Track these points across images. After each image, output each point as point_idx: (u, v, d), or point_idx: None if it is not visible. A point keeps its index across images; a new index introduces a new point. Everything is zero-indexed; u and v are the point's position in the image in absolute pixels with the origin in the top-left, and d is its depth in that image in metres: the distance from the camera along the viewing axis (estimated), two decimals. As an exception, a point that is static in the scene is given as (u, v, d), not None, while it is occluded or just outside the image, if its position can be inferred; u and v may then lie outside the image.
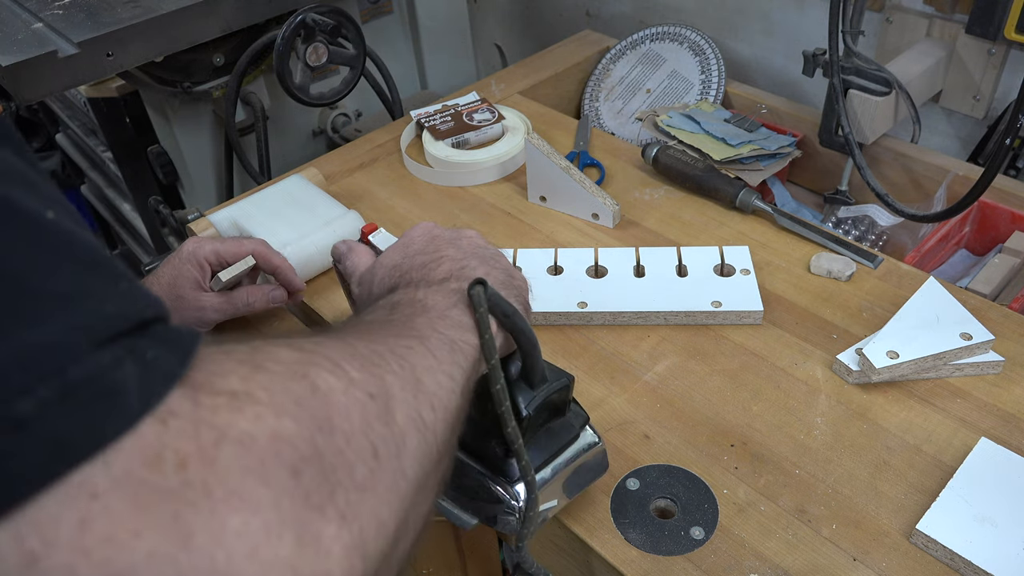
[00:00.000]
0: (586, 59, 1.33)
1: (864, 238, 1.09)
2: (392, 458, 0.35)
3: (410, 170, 1.10)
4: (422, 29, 1.52)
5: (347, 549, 0.30)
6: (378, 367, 0.38)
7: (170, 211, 1.07)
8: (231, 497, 0.27)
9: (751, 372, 0.77)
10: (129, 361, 0.27)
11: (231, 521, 0.27)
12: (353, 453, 0.32)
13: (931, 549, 0.61)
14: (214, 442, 0.28)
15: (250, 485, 0.28)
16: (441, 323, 0.47)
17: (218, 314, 0.80)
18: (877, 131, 1.03)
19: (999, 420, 0.70)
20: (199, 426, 0.28)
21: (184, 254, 0.78)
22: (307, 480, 0.30)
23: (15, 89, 0.97)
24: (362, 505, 0.32)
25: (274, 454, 0.29)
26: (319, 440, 0.31)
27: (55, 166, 2.22)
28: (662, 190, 1.02)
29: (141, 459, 0.26)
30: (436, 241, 0.58)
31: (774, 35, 1.30)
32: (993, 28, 0.99)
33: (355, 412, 0.34)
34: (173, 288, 0.78)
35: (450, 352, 0.45)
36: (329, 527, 0.30)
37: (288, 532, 0.28)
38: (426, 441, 0.38)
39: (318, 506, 0.30)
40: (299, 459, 0.30)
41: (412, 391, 0.39)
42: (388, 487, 0.34)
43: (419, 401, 0.39)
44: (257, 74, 1.30)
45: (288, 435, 0.30)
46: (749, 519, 0.64)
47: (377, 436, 0.34)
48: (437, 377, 0.42)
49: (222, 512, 0.27)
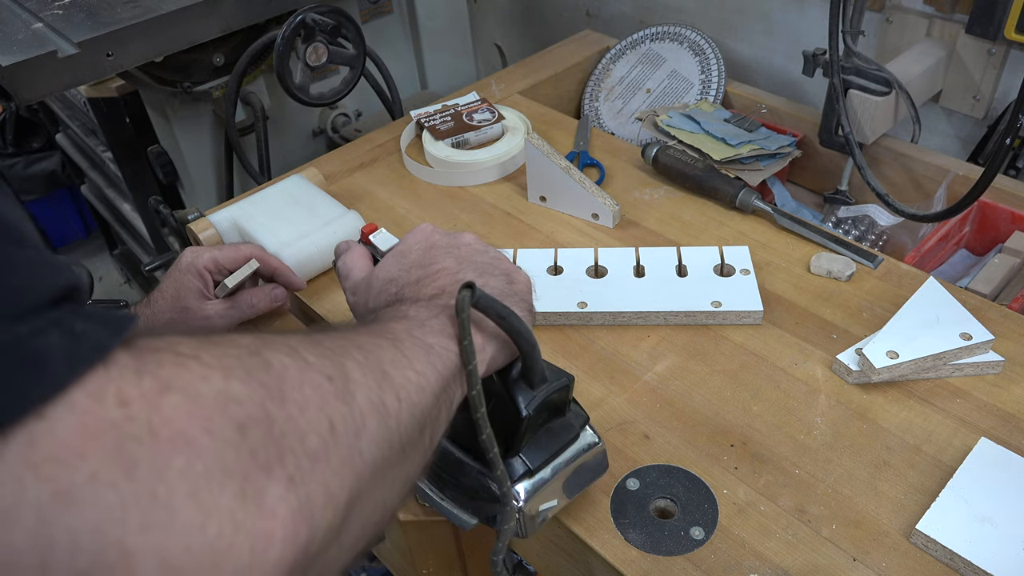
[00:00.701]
0: (586, 59, 1.33)
1: (864, 238, 1.09)
2: (349, 435, 0.35)
3: (410, 170, 1.10)
4: (422, 29, 1.52)
5: (293, 512, 0.30)
6: (338, 355, 0.38)
7: (170, 211, 1.07)
8: (176, 438, 0.28)
9: (751, 372, 0.77)
10: (55, 332, 0.27)
11: (174, 460, 0.27)
12: (306, 423, 0.33)
13: (931, 549, 0.61)
14: (158, 390, 0.28)
15: (194, 431, 0.28)
16: (419, 330, 0.47)
17: (224, 320, 0.80)
18: (877, 131, 1.03)
19: (999, 420, 0.70)
20: (142, 375, 0.28)
21: (183, 265, 0.79)
22: (254, 438, 0.30)
23: (15, 89, 0.97)
24: (312, 473, 0.32)
25: (221, 409, 0.30)
26: (269, 406, 0.31)
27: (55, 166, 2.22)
28: (662, 190, 1.02)
29: (85, 394, 0.27)
30: (433, 251, 0.58)
31: (774, 35, 1.30)
32: (993, 28, 0.99)
33: (309, 388, 0.34)
34: (177, 300, 0.78)
35: (425, 354, 0.45)
36: (276, 487, 0.30)
37: (231, 482, 0.28)
38: (388, 427, 0.38)
39: (264, 465, 0.30)
40: (246, 417, 0.30)
41: (375, 379, 0.39)
42: (342, 461, 0.34)
43: (383, 389, 0.39)
44: (257, 74, 1.31)
45: (236, 395, 0.31)
46: (749, 519, 0.64)
47: (335, 412, 0.35)
48: (405, 372, 0.42)
49: (165, 450, 0.27)
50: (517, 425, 0.54)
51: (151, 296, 0.80)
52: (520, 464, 0.56)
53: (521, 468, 0.56)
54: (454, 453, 0.58)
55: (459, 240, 0.60)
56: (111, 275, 2.46)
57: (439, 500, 0.63)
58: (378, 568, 1.16)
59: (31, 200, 2.21)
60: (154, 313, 0.79)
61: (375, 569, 1.17)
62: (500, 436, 0.56)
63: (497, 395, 0.55)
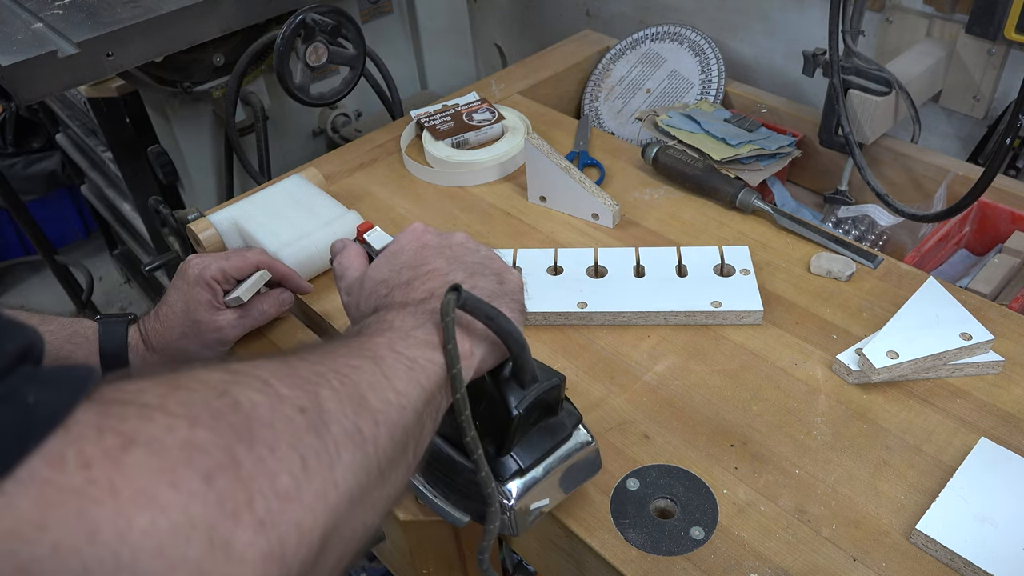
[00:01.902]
0: (586, 59, 1.33)
1: (864, 238, 1.09)
2: (323, 469, 0.35)
3: (410, 170, 1.10)
4: (422, 29, 1.52)
5: (263, 556, 0.30)
6: (313, 384, 0.38)
7: (170, 211, 1.07)
8: (138, 496, 0.28)
9: (751, 372, 0.77)
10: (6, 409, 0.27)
11: (138, 519, 0.27)
12: (276, 462, 0.32)
13: (931, 549, 0.61)
14: (121, 446, 0.28)
15: (158, 487, 0.28)
16: (402, 343, 0.46)
17: (237, 330, 0.80)
18: (877, 131, 1.03)
19: (999, 420, 0.70)
20: (104, 432, 0.28)
21: (191, 278, 0.78)
22: (221, 486, 0.30)
23: (15, 89, 0.97)
24: (283, 513, 0.32)
25: (185, 461, 0.29)
26: (237, 449, 0.31)
27: (55, 166, 2.22)
28: (662, 190, 1.02)
29: (43, 461, 0.26)
30: (424, 251, 0.58)
31: (774, 35, 1.30)
32: (993, 28, 0.99)
33: (281, 424, 0.34)
34: (187, 314, 0.78)
35: (407, 371, 0.44)
36: (244, 533, 0.30)
37: (198, 535, 0.28)
38: (365, 454, 0.38)
39: (232, 512, 0.30)
40: (213, 465, 0.30)
41: (352, 406, 0.39)
42: (316, 496, 0.34)
43: (359, 415, 0.39)
44: (257, 74, 1.30)
45: (201, 443, 0.30)
46: (749, 519, 0.64)
47: (307, 447, 0.34)
48: (385, 395, 0.42)
49: (128, 510, 0.27)
50: (508, 425, 0.54)
51: (159, 309, 0.80)
52: (512, 463, 0.56)
53: (513, 467, 0.56)
54: (447, 452, 0.58)
55: (450, 240, 0.60)
56: (111, 275, 2.46)
57: (432, 497, 0.63)
58: (378, 568, 1.16)
59: (31, 200, 2.21)
60: (164, 327, 0.78)
61: (375, 569, 1.17)
62: (492, 435, 0.56)
63: (488, 395, 0.55)
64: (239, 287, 0.79)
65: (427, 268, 0.56)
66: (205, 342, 0.79)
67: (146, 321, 0.80)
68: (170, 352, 0.79)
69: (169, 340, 0.79)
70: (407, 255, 0.58)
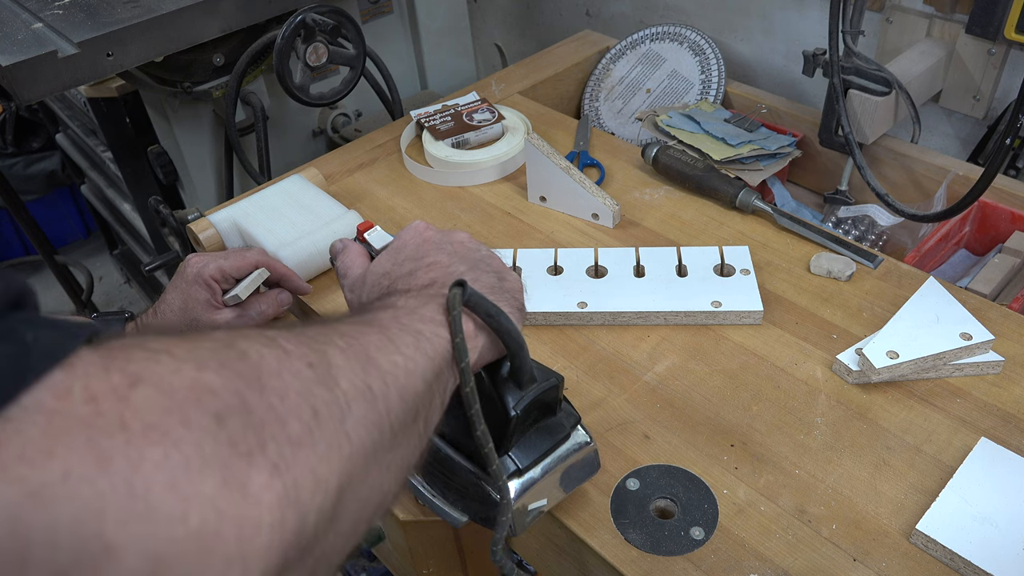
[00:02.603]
0: (586, 59, 1.33)
1: (864, 238, 1.09)
2: (334, 420, 0.34)
3: (410, 170, 1.10)
4: (422, 29, 1.52)
5: (279, 498, 0.30)
6: (319, 343, 0.38)
7: (170, 211, 1.07)
8: (149, 431, 0.27)
9: (751, 372, 0.77)
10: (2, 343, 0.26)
11: (150, 452, 0.27)
12: (287, 409, 0.32)
13: (931, 549, 0.61)
14: (128, 384, 0.28)
15: (169, 423, 0.28)
16: (407, 317, 0.46)
17: None
18: (877, 131, 1.03)
19: (999, 420, 0.70)
20: (110, 371, 0.28)
21: (189, 276, 0.78)
22: (232, 427, 0.29)
23: (15, 89, 0.97)
24: (297, 459, 0.31)
25: (195, 400, 0.29)
26: (247, 394, 0.31)
27: (55, 166, 2.22)
28: (662, 190, 1.02)
29: (49, 392, 0.26)
30: (426, 245, 0.58)
31: (774, 35, 1.30)
32: (993, 28, 0.99)
33: (289, 375, 0.34)
34: (186, 312, 0.78)
35: (414, 339, 0.44)
36: (259, 475, 0.29)
37: (211, 471, 0.28)
38: (376, 410, 0.38)
39: (246, 453, 0.29)
40: (223, 407, 0.30)
41: (360, 364, 0.39)
42: (329, 445, 0.33)
43: (368, 373, 0.38)
44: (257, 74, 1.30)
45: (211, 385, 0.30)
46: (749, 519, 0.64)
47: (317, 398, 0.34)
48: (392, 357, 0.41)
49: (139, 443, 0.27)
50: (506, 425, 0.54)
51: (157, 307, 0.80)
52: (509, 463, 0.57)
53: (511, 467, 0.57)
54: (445, 451, 0.58)
55: (452, 237, 0.60)
56: (111, 275, 2.46)
57: (431, 497, 0.63)
58: (378, 568, 1.16)
59: (31, 200, 2.21)
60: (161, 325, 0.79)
61: (375, 569, 1.17)
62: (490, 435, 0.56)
63: (486, 395, 0.55)
64: (237, 286, 0.79)
65: (429, 260, 0.57)
66: None
67: (144, 319, 0.80)
68: None
69: None
70: (409, 249, 0.58)
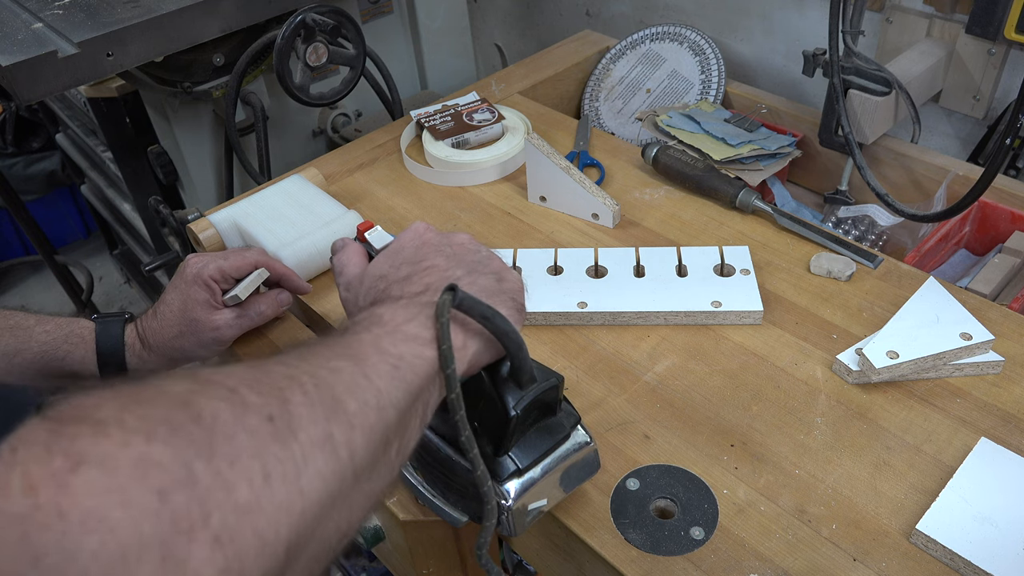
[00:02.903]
0: (586, 59, 1.33)
1: (864, 238, 1.09)
2: (287, 478, 0.34)
3: (410, 170, 1.10)
4: (422, 29, 1.52)
5: (220, 572, 0.30)
6: (284, 390, 0.38)
7: (170, 211, 1.07)
8: (87, 519, 0.27)
9: (751, 372, 0.77)
10: None
11: (86, 542, 0.27)
12: (235, 475, 0.32)
13: (931, 549, 0.61)
14: (70, 467, 0.28)
15: (108, 507, 0.28)
16: (388, 340, 0.46)
17: (234, 330, 0.80)
18: (877, 131, 1.03)
19: (999, 420, 0.70)
20: (53, 453, 0.28)
21: (189, 277, 0.78)
22: (175, 503, 0.30)
23: (15, 89, 0.97)
24: (242, 526, 0.31)
25: (140, 477, 0.29)
26: (195, 464, 0.31)
27: (55, 166, 2.22)
28: (662, 190, 1.02)
29: None
30: (424, 248, 0.58)
31: (774, 35, 1.30)
32: (993, 28, 0.99)
33: (244, 435, 0.34)
34: (185, 312, 0.78)
35: (391, 370, 0.44)
36: (200, 550, 0.29)
37: (149, 554, 0.28)
38: (337, 458, 0.38)
39: (187, 529, 0.29)
40: (168, 482, 0.30)
41: (324, 411, 0.38)
42: (278, 507, 0.33)
43: (331, 421, 0.38)
44: (257, 74, 1.30)
45: (157, 459, 0.30)
46: (749, 519, 0.64)
47: (271, 457, 0.34)
48: (363, 396, 0.41)
49: (75, 533, 0.27)
50: (506, 425, 0.54)
51: (157, 308, 0.80)
52: (510, 463, 0.56)
53: (511, 467, 0.56)
54: (445, 452, 0.58)
55: (451, 239, 0.60)
56: (111, 275, 2.46)
57: (431, 497, 0.63)
58: (378, 568, 1.16)
59: (31, 200, 2.21)
60: (161, 326, 0.79)
61: (375, 569, 1.17)
62: (490, 436, 0.56)
63: (487, 395, 0.55)
64: (237, 286, 0.79)
65: (426, 264, 0.56)
66: (202, 341, 0.79)
67: (144, 320, 0.80)
68: (167, 351, 0.79)
69: (166, 339, 0.79)
70: (407, 252, 0.58)
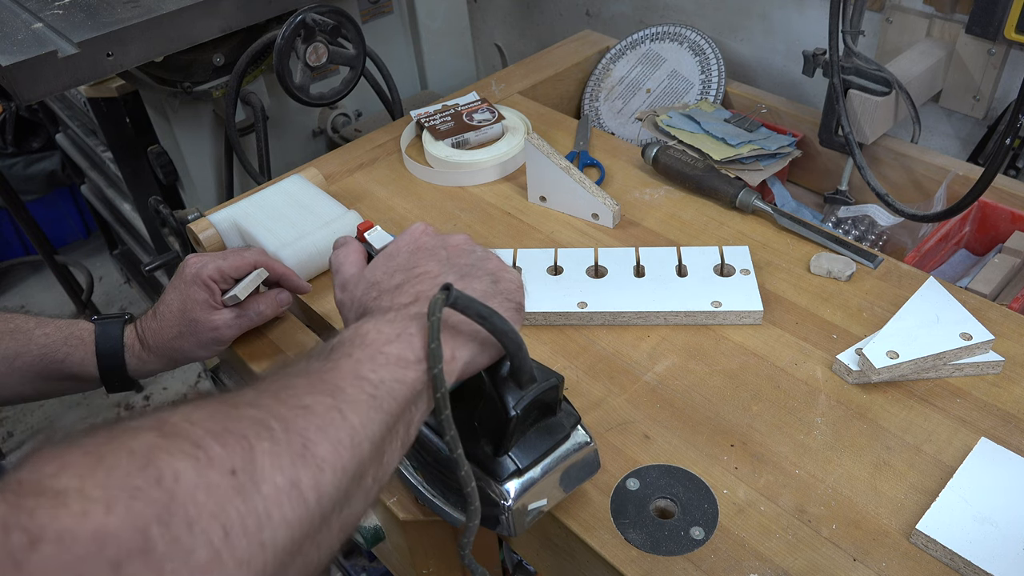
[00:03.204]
0: (586, 59, 1.33)
1: (864, 238, 1.09)
2: (248, 534, 0.35)
3: (410, 170, 1.10)
4: (422, 29, 1.52)
5: None
6: (250, 438, 0.38)
7: (170, 211, 1.07)
8: None
9: (751, 372, 0.77)
10: None
11: None
12: (194, 538, 0.32)
13: (931, 549, 0.61)
14: (27, 545, 0.28)
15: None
16: (369, 366, 0.46)
17: (233, 330, 0.80)
18: (877, 131, 1.03)
19: (999, 420, 0.70)
20: (10, 531, 0.28)
21: (188, 277, 0.78)
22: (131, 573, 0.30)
23: (15, 89, 0.97)
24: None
25: (96, 550, 0.29)
26: (153, 530, 0.31)
27: (55, 166, 2.22)
28: (662, 190, 1.02)
29: None
30: (419, 253, 0.58)
31: (774, 35, 1.30)
32: (993, 28, 0.99)
33: (203, 494, 0.34)
34: (184, 313, 0.78)
35: (369, 400, 0.44)
36: None
37: None
38: (305, 505, 0.38)
39: None
40: (125, 553, 0.30)
41: (291, 456, 0.39)
42: (239, 562, 0.34)
43: (299, 466, 0.39)
44: (257, 74, 1.30)
45: (114, 529, 0.30)
46: (749, 519, 0.64)
47: (232, 513, 0.34)
48: (337, 435, 0.41)
49: None
50: (506, 425, 0.54)
51: (156, 308, 0.80)
52: (510, 463, 0.56)
53: (510, 467, 0.56)
54: (444, 452, 0.58)
55: (447, 241, 0.59)
56: (111, 275, 2.46)
57: (431, 497, 0.63)
58: (378, 568, 1.16)
59: (31, 200, 2.21)
60: (160, 327, 0.79)
61: (375, 569, 1.17)
62: (490, 435, 0.56)
63: (487, 395, 0.55)
64: (236, 286, 0.79)
65: (419, 271, 0.56)
66: (201, 342, 0.79)
67: (143, 321, 0.80)
68: (167, 352, 0.79)
69: (165, 339, 0.79)
70: (402, 257, 0.58)
